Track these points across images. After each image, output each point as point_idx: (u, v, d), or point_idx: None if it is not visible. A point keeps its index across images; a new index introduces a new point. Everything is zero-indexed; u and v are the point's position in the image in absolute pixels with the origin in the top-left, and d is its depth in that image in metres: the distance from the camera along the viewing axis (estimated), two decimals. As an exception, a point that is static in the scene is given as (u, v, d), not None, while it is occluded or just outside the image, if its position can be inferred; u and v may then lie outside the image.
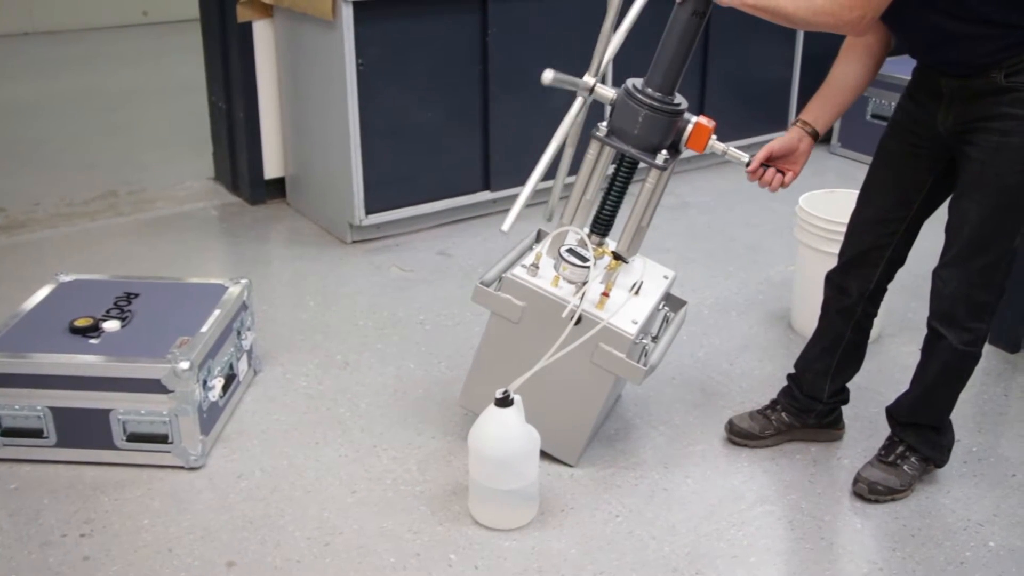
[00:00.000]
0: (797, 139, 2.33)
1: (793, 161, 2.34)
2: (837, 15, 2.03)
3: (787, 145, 2.33)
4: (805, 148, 2.34)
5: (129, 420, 2.48)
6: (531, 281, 2.38)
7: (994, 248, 2.20)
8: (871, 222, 2.40)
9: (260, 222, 4.18)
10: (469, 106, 4.01)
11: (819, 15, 2.04)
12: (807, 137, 2.33)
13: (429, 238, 4.01)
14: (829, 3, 2.03)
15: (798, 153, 2.34)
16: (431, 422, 2.73)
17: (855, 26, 2.05)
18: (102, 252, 3.85)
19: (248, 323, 2.87)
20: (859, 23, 2.03)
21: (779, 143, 2.32)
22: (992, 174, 2.14)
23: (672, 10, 2.20)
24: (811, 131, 2.33)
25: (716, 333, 3.25)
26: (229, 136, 4.35)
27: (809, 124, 2.34)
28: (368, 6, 3.60)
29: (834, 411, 2.66)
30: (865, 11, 2.01)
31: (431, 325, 3.28)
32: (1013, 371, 3.04)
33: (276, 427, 2.71)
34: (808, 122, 2.34)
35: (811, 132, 2.33)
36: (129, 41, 7.88)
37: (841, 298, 2.49)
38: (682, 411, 2.80)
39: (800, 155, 2.34)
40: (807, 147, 2.34)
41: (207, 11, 4.24)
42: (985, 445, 2.67)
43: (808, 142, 2.34)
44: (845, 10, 2.02)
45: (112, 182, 4.59)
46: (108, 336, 2.57)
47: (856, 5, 2.01)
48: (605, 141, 2.31)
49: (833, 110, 2.35)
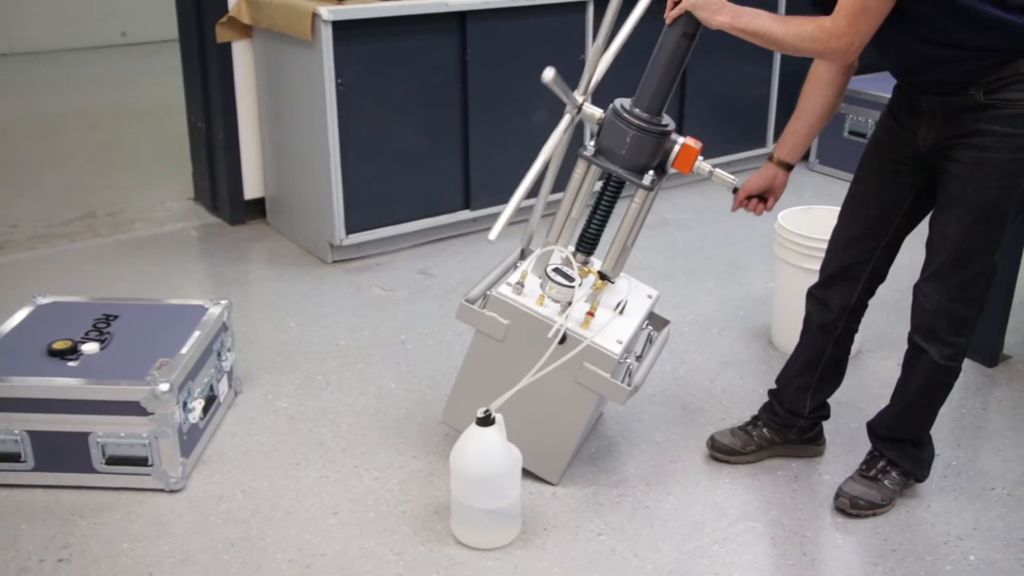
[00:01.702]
0: (772, 175, 2.41)
1: (771, 195, 2.44)
2: (824, 42, 2.06)
3: (763, 184, 2.42)
4: (781, 182, 2.43)
5: (108, 443, 2.46)
6: (516, 299, 2.38)
7: (975, 263, 2.22)
8: (853, 238, 2.42)
9: (240, 243, 4.17)
10: (449, 125, 4.02)
11: (807, 42, 2.08)
12: (782, 172, 2.42)
13: (409, 257, 4.01)
14: (816, 30, 2.06)
15: (775, 187, 2.43)
16: (412, 442, 2.72)
17: (843, 54, 2.07)
18: (81, 274, 3.83)
19: (228, 344, 2.86)
20: (846, 51, 2.06)
21: (755, 183, 2.39)
22: (972, 189, 2.16)
23: (661, 31, 2.22)
24: (786, 165, 2.39)
25: (697, 350, 3.26)
26: (209, 156, 4.35)
27: (783, 159, 2.40)
28: (347, 26, 3.61)
29: (815, 427, 2.67)
30: (853, 39, 2.04)
31: (412, 345, 3.27)
32: (991, 385, 3.06)
33: (257, 448, 2.70)
34: (782, 158, 2.40)
35: (786, 167, 2.39)
36: (108, 62, 7.87)
37: (823, 313, 2.50)
38: (664, 428, 2.80)
39: (777, 188, 2.45)
40: (783, 180, 2.43)
41: (186, 32, 4.24)
42: (964, 459, 2.68)
43: (783, 176, 2.43)
44: (832, 38, 2.05)
45: (91, 203, 4.58)
46: (87, 358, 2.55)
47: (843, 34, 2.03)
48: (592, 161, 2.32)
49: (804, 142, 2.43)
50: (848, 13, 2.02)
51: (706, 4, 2.13)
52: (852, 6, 2.01)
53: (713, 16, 2.13)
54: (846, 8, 2.02)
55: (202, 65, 4.18)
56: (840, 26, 2.03)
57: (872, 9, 2.00)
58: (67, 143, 5.66)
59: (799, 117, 2.41)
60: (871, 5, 2.00)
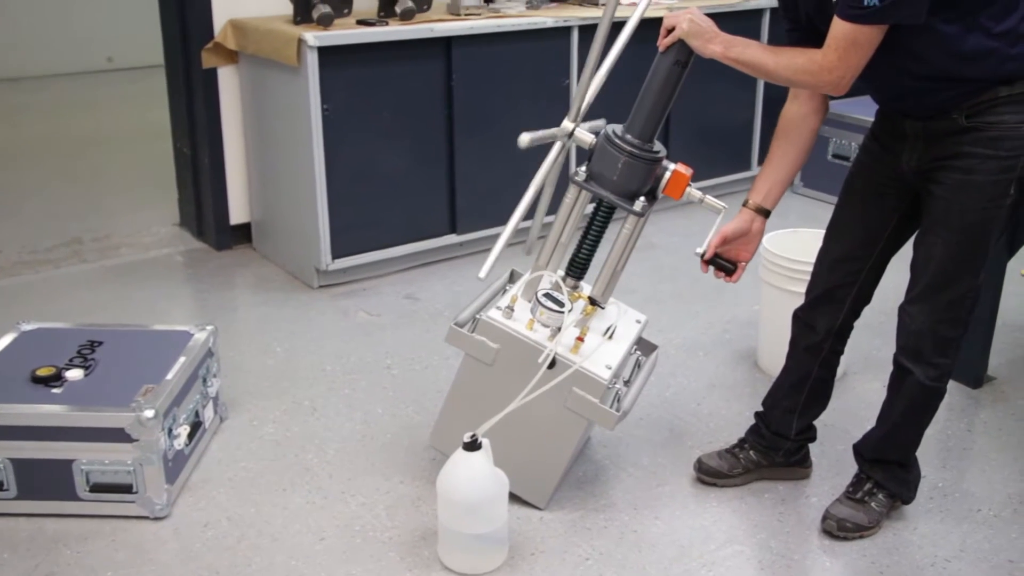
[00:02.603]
0: (749, 221, 2.39)
1: (747, 242, 2.40)
2: (816, 75, 2.08)
3: (740, 229, 2.39)
4: (758, 228, 2.41)
5: (92, 470, 2.44)
6: (506, 324, 2.38)
7: (959, 284, 2.23)
8: (838, 260, 2.44)
9: (226, 268, 4.17)
10: (434, 150, 4.03)
11: (799, 74, 2.10)
12: (759, 218, 2.40)
13: (396, 282, 4.00)
14: (808, 63, 2.08)
15: (752, 234, 2.40)
16: (399, 467, 2.71)
17: (834, 86, 2.10)
18: (66, 300, 3.82)
19: (214, 370, 2.85)
20: (838, 83, 2.08)
21: (731, 228, 2.38)
22: (956, 211, 2.18)
23: (654, 58, 2.24)
24: (763, 211, 2.39)
25: (683, 373, 3.26)
26: (194, 182, 4.34)
27: (758, 204, 2.39)
28: (333, 52, 3.63)
29: (802, 449, 2.67)
30: (844, 72, 2.06)
31: (398, 369, 3.27)
32: (976, 406, 3.07)
33: (243, 475, 2.68)
34: (758, 203, 2.40)
35: (763, 212, 2.39)
36: (94, 87, 7.87)
37: (808, 335, 2.51)
38: (651, 452, 2.80)
39: (754, 235, 2.41)
40: (760, 227, 2.41)
41: (172, 57, 4.25)
42: (950, 481, 2.69)
43: (760, 222, 2.41)
44: (824, 71, 2.07)
45: (76, 229, 4.56)
46: (71, 385, 2.54)
47: (834, 67, 2.06)
48: (584, 186, 2.33)
49: (779, 187, 2.41)
50: (839, 47, 2.04)
51: (699, 33, 2.15)
52: (842, 40, 2.03)
53: (706, 45, 2.15)
54: (836, 42, 2.04)
55: (188, 90, 4.19)
56: (831, 59, 2.05)
57: (862, 43, 2.03)
58: (52, 168, 5.65)
59: (773, 161, 2.39)
60: (861, 39, 2.02)
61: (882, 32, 2.02)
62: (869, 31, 2.01)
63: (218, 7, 4.00)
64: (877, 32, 2.02)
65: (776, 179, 2.40)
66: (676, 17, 2.17)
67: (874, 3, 1.96)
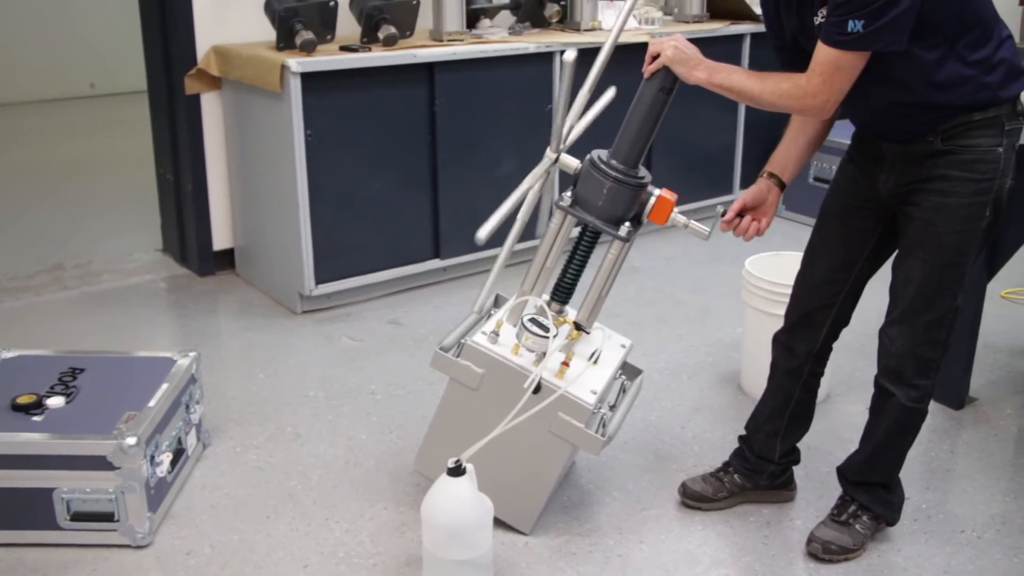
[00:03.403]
0: (766, 190, 2.40)
1: (764, 212, 2.41)
2: (800, 100, 2.10)
3: (758, 196, 2.39)
4: (774, 198, 2.41)
5: (73, 499, 2.42)
6: (491, 349, 2.38)
7: (938, 306, 2.25)
8: (816, 283, 2.45)
9: (209, 294, 4.15)
10: (418, 175, 4.04)
11: (783, 98, 2.12)
12: (775, 188, 2.41)
13: (380, 307, 4.00)
14: (792, 88, 2.10)
15: (768, 203, 2.41)
16: (383, 493, 2.70)
17: (818, 111, 2.12)
18: (47, 327, 3.80)
19: (197, 396, 2.83)
20: (822, 108, 2.11)
21: (750, 194, 2.39)
22: (934, 233, 2.20)
23: (639, 85, 2.25)
24: (778, 181, 2.40)
25: (667, 396, 3.26)
26: (177, 207, 4.34)
27: (775, 175, 2.40)
28: (316, 78, 3.64)
29: (786, 472, 2.68)
30: (828, 97, 2.08)
31: (382, 395, 3.26)
32: (958, 428, 3.09)
33: (225, 502, 2.66)
34: (775, 173, 2.41)
35: (778, 183, 2.40)
36: (76, 113, 7.86)
37: (789, 359, 2.52)
38: (635, 476, 2.80)
39: (770, 205, 2.41)
40: (775, 197, 2.42)
41: (155, 83, 4.25)
42: (934, 502, 2.70)
43: (776, 192, 2.41)
44: (808, 96, 2.09)
45: (58, 255, 4.54)
46: (52, 413, 2.52)
47: (818, 92, 2.08)
48: (569, 211, 2.34)
49: (796, 160, 2.41)
50: (823, 72, 2.06)
51: (684, 60, 2.17)
52: (826, 65, 2.05)
53: (691, 72, 2.17)
54: (820, 67, 2.06)
55: (171, 116, 4.19)
56: (815, 84, 2.07)
57: (845, 68, 2.05)
58: (34, 194, 5.63)
59: (786, 143, 2.41)
60: (844, 64, 2.04)
61: (865, 58, 2.05)
62: (852, 57, 2.04)
63: (201, 33, 4.01)
64: (860, 58, 2.04)
65: (791, 157, 2.41)
66: (661, 44, 2.19)
67: (858, 29, 1.99)
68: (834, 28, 2.02)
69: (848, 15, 1.99)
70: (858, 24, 1.98)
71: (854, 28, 1.99)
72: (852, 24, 1.99)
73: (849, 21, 1.99)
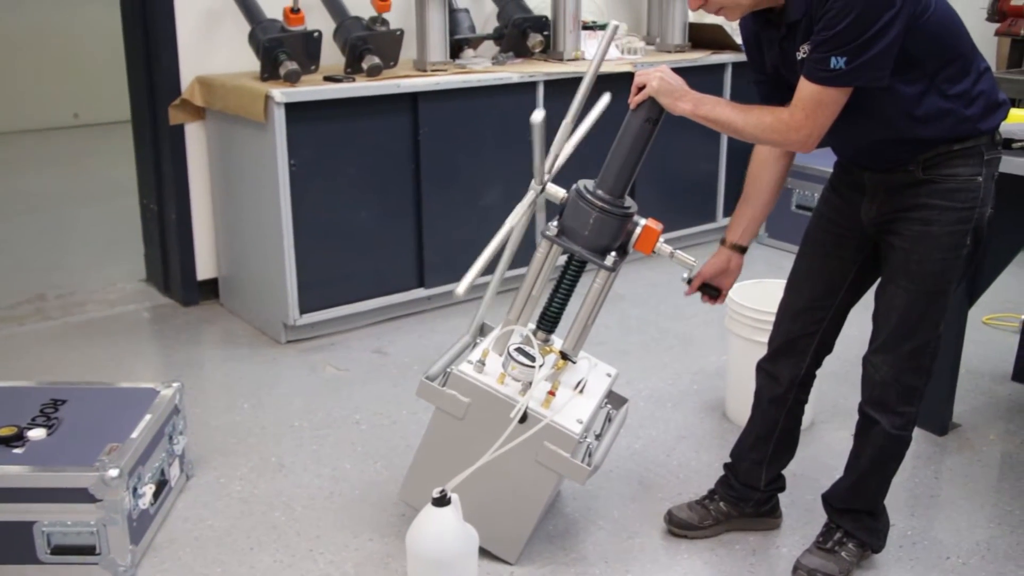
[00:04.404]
0: (727, 259, 2.45)
1: (728, 275, 2.45)
2: (784, 134, 2.13)
3: (718, 267, 2.45)
4: (736, 265, 2.46)
5: (54, 532, 2.40)
6: (477, 378, 2.38)
7: (921, 333, 2.26)
8: (799, 310, 2.46)
9: (193, 324, 4.14)
10: (402, 204, 4.05)
11: (767, 132, 2.14)
12: (736, 255, 2.45)
13: (364, 336, 3.99)
14: (775, 122, 2.13)
15: (730, 271, 2.46)
16: (368, 523, 2.69)
17: (801, 145, 2.14)
18: (29, 358, 3.77)
19: (180, 427, 2.82)
20: (805, 142, 2.13)
21: (710, 267, 2.44)
22: (916, 261, 2.22)
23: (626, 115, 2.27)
24: (739, 248, 2.43)
25: (652, 425, 3.26)
26: (161, 237, 4.33)
27: (735, 243, 2.44)
28: (300, 108, 3.65)
29: (771, 499, 2.68)
30: (811, 131, 2.11)
31: (367, 425, 3.25)
32: (942, 454, 3.10)
33: (209, 534, 2.64)
34: (734, 241, 2.44)
35: (739, 249, 2.42)
36: (60, 143, 7.85)
37: (773, 386, 2.53)
38: (621, 504, 2.79)
39: (732, 272, 2.47)
40: (738, 263, 2.46)
41: (139, 113, 4.25)
42: (919, 529, 2.70)
43: (738, 259, 2.46)
44: (792, 130, 2.11)
45: (40, 285, 4.52)
46: (33, 445, 2.50)
47: (801, 127, 2.10)
48: (555, 240, 2.35)
49: (754, 225, 2.48)
50: (805, 107, 2.08)
51: (669, 91, 2.19)
52: (809, 100, 2.08)
53: (676, 103, 2.19)
54: (803, 102, 2.08)
55: (155, 146, 4.19)
56: (798, 119, 2.10)
57: (828, 103, 2.07)
58: (17, 224, 5.61)
59: (747, 201, 2.46)
60: (827, 100, 2.07)
61: (848, 93, 2.07)
62: (835, 92, 2.06)
63: (185, 64, 4.02)
64: (843, 93, 2.07)
65: (750, 217, 2.46)
66: (647, 75, 2.21)
67: (840, 66, 2.01)
68: (817, 65, 2.04)
69: (831, 52, 2.01)
70: (841, 61, 2.01)
71: (837, 65, 2.02)
72: (835, 61, 2.01)
73: (832, 58, 2.01)
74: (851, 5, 1.97)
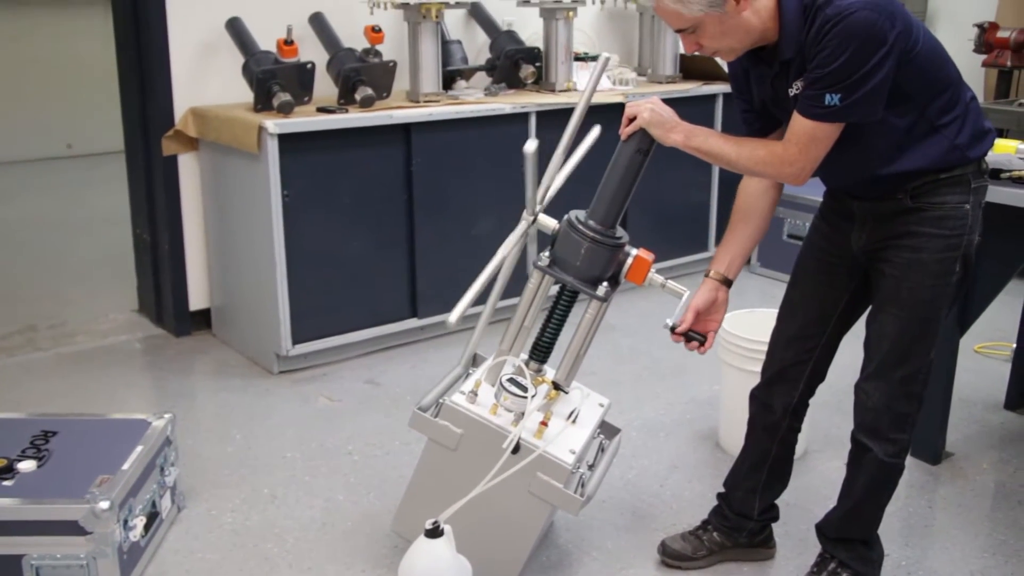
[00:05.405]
0: (715, 291, 2.42)
1: (715, 311, 2.42)
2: (777, 168, 2.14)
3: (707, 300, 2.41)
4: (723, 298, 2.43)
5: (43, 565, 2.38)
6: (470, 409, 2.38)
7: (913, 360, 2.27)
8: (791, 339, 2.47)
9: (185, 354, 4.13)
10: (395, 235, 4.05)
11: (759, 165, 2.16)
12: (723, 288, 2.43)
13: (357, 367, 3.99)
14: (769, 156, 2.14)
15: (718, 303, 2.43)
16: (360, 555, 2.67)
17: (794, 178, 2.15)
18: (19, 389, 3.75)
19: (172, 459, 2.80)
20: (798, 175, 2.14)
21: (701, 300, 2.41)
22: (907, 289, 2.23)
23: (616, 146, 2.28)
24: (726, 281, 2.43)
25: (645, 455, 3.26)
26: (154, 268, 4.33)
27: (722, 274, 2.43)
28: (293, 139, 3.66)
29: (765, 529, 2.67)
30: (804, 165, 2.12)
31: (359, 456, 3.24)
32: (935, 483, 3.09)
33: (200, 566, 2.62)
34: (720, 272, 2.43)
35: (726, 282, 2.43)
36: (53, 174, 7.85)
37: (766, 415, 2.53)
38: (614, 535, 2.78)
39: (720, 305, 2.43)
40: (724, 296, 2.43)
41: (132, 144, 4.26)
42: (913, 559, 2.69)
43: (724, 292, 2.43)
44: (785, 164, 2.13)
45: (31, 316, 4.51)
46: (23, 477, 2.48)
47: (795, 160, 2.11)
48: (547, 271, 2.35)
49: (740, 259, 2.44)
50: (799, 142, 2.10)
51: (660, 123, 2.20)
52: (803, 135, 2.09)
53: (667, 135, 2.20)
54: (796, 136, 2.10)
55: (148, 177, 4.19)
56: (791, 153, 2.11)
57: (821, 138, 2.09)
58: (8, 254, 5.60)
59: (734, 231, 2.44)
60: (820, 135, 2.09)
61: (840, 128, 2.09)
62: (829, 128, 2.08)
63: (179, 95, 4.03)
64: (836, 128, 2.09)
65: (737, 251, 2.43)
66: (638, 107, 2.23)
67: (835, 103, 2.03)
68: (811, 101, 2.06)
69: (826, 89, 2.03)
70: (835, 98, 2.03)
71: (831, 102, 2.04)
72: (829, 98, 2.03)
73: (826, 95, 2.03)
74: (845, 44, 1.99)
